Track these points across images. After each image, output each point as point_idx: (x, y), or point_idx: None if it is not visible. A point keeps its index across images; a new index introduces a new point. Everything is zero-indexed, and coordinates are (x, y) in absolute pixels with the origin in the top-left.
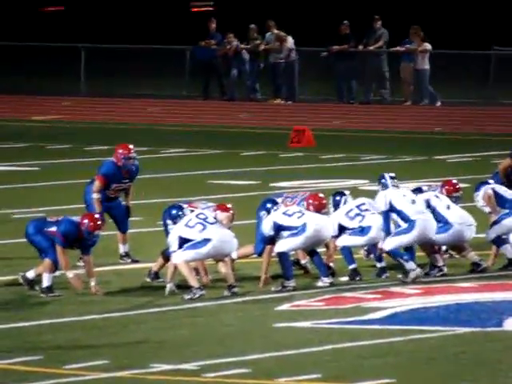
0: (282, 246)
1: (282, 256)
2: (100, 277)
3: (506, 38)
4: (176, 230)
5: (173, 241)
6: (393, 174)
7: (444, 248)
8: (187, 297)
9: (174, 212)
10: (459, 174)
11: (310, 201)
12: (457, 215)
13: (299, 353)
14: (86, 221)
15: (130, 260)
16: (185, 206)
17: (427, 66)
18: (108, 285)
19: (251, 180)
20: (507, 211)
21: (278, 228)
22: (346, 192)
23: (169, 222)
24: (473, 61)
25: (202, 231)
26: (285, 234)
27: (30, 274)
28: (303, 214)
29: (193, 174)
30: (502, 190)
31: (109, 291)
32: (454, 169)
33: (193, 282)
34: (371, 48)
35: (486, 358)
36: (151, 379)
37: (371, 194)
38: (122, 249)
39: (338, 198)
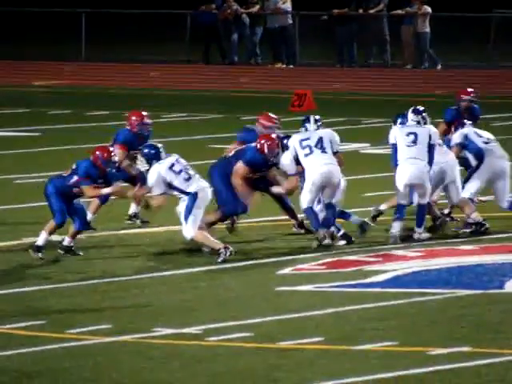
0: (302, 201)
1: (305, 212)
2: (102, 242)
3: (506, 1)
4: (157, 170)
5: (155, 180)
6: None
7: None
8: (220, 259)
9: (152, 152)
10: None
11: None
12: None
13: (301, 316)
14: (98, 153)
15: (139, 221)
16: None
17: (427, 29)
18: (110, 249)
19: None
20: None
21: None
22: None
23: (142, 159)
24: (473, 23)
25: (187, 181)
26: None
27: (65, 241)
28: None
29: (193, 138)
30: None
31: (111, 256)
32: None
33: (216, 245)
34: (371, 11)
35: (488, 320)
36: (154, 343)
37: (373, 157)
38: (133, 209)
39: (285, 141)
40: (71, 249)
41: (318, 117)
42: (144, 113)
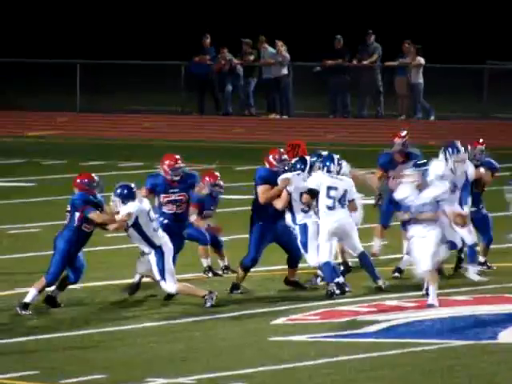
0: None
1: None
2: (92, 292)
3: (499, 53)
4: (137, 205)
5: (134, 211)
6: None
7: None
8: (208, 305)
9: (126, 191)
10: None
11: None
12: None
13: (295, 366)
14: (78, 180)
15: (210, 273)
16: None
17: (421, 80)
18: (103, 298)
19: (245, 194)
20: None
21: None
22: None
23: (115, 198)
24: (466, 75)
25: (155, 231)
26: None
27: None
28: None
29: None
30: None
31: (104, 305)
32: None
33: (200, 292)
34: (365, 62)
35: (482, 371)
36: None
37: (367, 207)
38: (207, 262)
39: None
40: (54, 298)
41: (338, 156)
42: (177, 156)
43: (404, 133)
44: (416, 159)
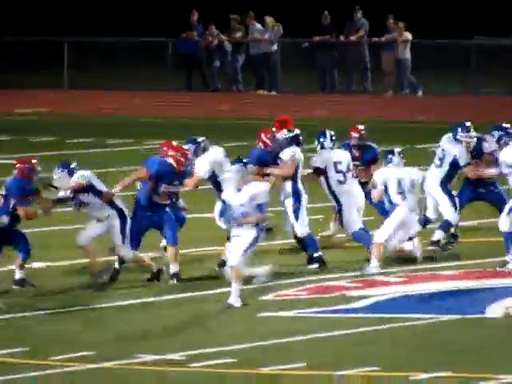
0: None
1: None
2: (85, 269)
3: (486, 28)
4: (86, 174)
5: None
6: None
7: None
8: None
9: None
10: None
11: None
12: None
13: (283, 342)
14: (20, 165)
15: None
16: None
17: (408, 56)
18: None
19: None
20: None
21: None
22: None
23: (61, 174)
24: (454, 50)
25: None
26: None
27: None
28: None
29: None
30: None
31: (87, 283)
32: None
33: (151, 267)
34: (352, 38)
35: (469, 345)
36: (137, 369)
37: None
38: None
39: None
40: (24, 280)
41: (332, 132)
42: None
43: (361, 127)
44: (372, 153)
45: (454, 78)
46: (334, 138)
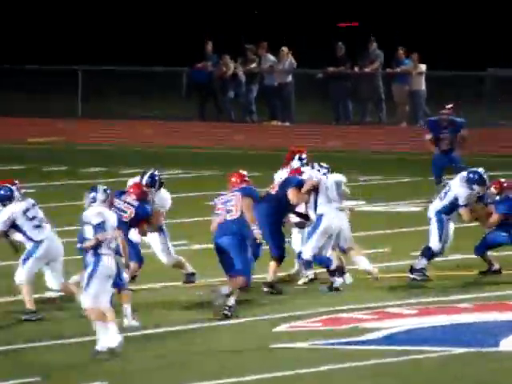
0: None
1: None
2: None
3: (500, 59)
4: (11, 210)
5: (4, 219)
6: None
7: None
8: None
9: (6, 193)
10: None
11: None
12: None
13: (296, 373)
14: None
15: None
16: (14, 188)
17: (423, 87)
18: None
19: None
20: None
21: None
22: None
23: None
24: (467, 82)
25: (36, 228)
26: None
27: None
28: None
29: (190, 195)
30: None
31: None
32: None
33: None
34: (366, 70)
35: (484, 379)
36: None
37: (369, 215)
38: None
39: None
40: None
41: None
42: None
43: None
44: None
45: (467, 109)
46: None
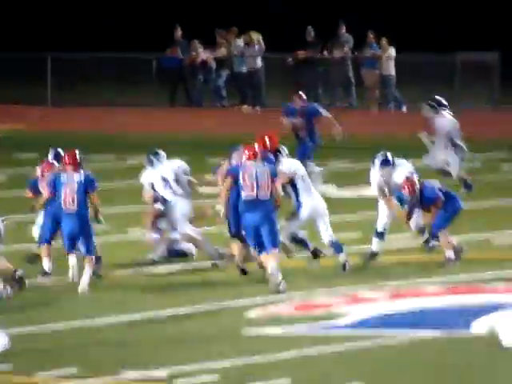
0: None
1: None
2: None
3: (470, 42)
4: None
5: None
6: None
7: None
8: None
9: None
10: (428, 177)
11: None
12: None
13: (269, 359)
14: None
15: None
16: None
17: (393, 72)
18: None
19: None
20: None
21: None
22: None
23: None
24: (437, 65)
25: None
26: None
27: None
28: None
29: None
30: None
31: (76, 297)
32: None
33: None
34: (336, 54)
35: (456, 362)
36: None
37: (339, 200)
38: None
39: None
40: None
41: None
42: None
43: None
44: None
45: (438, 92)
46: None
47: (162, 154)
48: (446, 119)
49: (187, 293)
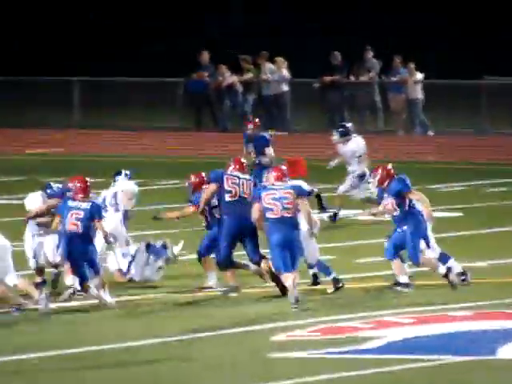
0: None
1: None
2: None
3: (495, 68)
4: None
5: None
6: None
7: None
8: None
9: None
10: (451, 203)
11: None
12: None
13: (296, 383)
14: None
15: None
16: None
17: (419, 95)
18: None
19: None
20: None
21: None
22: None
23: None
24: (464, 90)
25: None
26: None
27: None
28: None
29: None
30: None
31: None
32: (445, 198)
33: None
34: (363, 78)
35: None
36: None
37: (364, 223)
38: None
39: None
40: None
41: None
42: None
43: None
44: None
45: (463, 116)
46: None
47: (122, 175)
48: (354, 144)
49: (212, 317)
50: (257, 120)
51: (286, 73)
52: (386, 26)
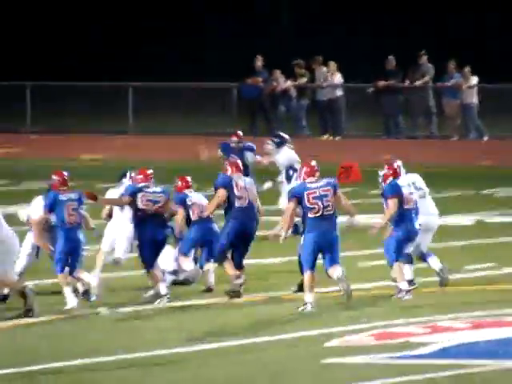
0: None
1: None
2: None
3: None
4: None
5: None
6: None
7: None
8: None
9: None
10: (508, 207)
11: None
12: None
13: None
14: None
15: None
16: None
17: (474, 100)
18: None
19: None
20: None
21: None
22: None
23: None
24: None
25: None
26: None
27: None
28: None
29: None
30: None
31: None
32: (502, 202)
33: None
34: (417, 83)
35: None
36: None
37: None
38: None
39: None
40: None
41: None
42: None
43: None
44: None
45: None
46: None
47: (127, 177)
48: (288, 154)
49: (264, 323)
50: (240, 132)
51: (339, 77)
52: (439, 30)
